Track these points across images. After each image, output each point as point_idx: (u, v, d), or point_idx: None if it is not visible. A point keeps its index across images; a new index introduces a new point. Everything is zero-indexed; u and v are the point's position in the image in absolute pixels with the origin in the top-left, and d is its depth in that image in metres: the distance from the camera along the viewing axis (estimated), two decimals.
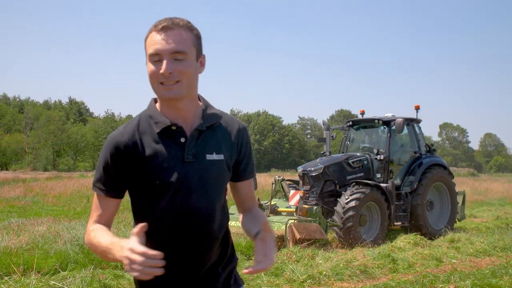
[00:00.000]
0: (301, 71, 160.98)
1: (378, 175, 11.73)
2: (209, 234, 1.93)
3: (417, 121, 12.63)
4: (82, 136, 74.28)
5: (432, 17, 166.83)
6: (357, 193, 10.24)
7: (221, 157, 1.98)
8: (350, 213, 9.97)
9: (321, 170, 11.16)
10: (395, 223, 11.34)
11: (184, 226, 1.90)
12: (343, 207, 10.06)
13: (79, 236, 7.54)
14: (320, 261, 8.10)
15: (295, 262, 8.09)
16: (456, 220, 12.96)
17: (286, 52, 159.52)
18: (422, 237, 10.32)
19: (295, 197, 10.13)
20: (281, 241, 9.27)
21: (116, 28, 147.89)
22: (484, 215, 17.38)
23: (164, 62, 1.82)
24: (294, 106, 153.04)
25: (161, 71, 1.82)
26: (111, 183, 1.90)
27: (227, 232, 2.06)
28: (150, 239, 1.81)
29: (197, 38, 1.92)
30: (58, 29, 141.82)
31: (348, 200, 10.13)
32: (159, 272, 1.60)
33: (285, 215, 9.91)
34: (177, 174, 1.88)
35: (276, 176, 11.87)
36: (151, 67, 1.85)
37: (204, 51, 1.99)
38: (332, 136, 13.27)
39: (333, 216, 10.27)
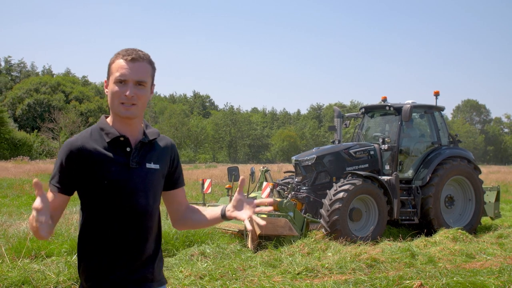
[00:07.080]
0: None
1: (387, 167, 10.79)
2: (147, 229, 2.35)
3: (438, 108, 11.43)
4: (202, 129, 77.66)
5: None
6: (347, 184, 9.48)
7: (157, 166, 2.41)
8: (337, 205, 9.24)
9: (314, 160, 10.49)
10: (401, 220, 10.34)
11: (127, 221, 2.29)
12: (330, 199, 9.36)
13: None
14: (329, 254, 8.00)
15: (307, 255, 8.06)
16: (490, 218, 11.86)
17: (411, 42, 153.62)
18: (464, 232, 9.63)
19: (266, 189, 9.45)
20: (241, 236, 8.82)
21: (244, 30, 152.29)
22: None
23: (129, 87, 2.25)
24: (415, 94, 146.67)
25: (126, 93, 2.25)
26: (64, 181, 2.29)
27: (159, 231, 2.46)
28: (97, 232, 2.27)
29: (154, 70, 2.41)
30: (186, 29, 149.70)
31: (337, 191, 9.42)
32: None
33: None
34: (123, 177, 2.29)
35: (261, 167, 11.27)
36: (116, 88, 2.27)
37: (322, 46, 2.37)
38: (345, 124, 12.37)
39: (321, 209, 9.61)
